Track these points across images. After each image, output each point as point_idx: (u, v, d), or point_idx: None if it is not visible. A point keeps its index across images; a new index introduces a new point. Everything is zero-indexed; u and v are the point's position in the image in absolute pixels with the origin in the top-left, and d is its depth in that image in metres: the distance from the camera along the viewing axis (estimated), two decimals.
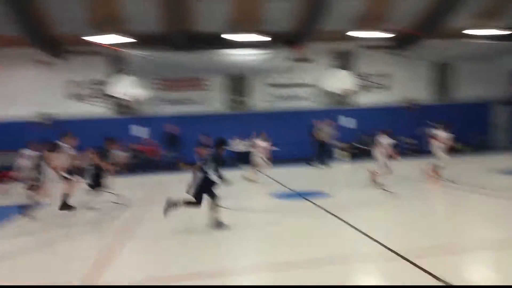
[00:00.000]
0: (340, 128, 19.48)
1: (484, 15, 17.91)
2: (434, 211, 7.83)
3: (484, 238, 5.69)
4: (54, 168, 8.73)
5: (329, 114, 18.73)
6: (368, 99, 20.24)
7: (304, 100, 20.07)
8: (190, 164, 13.19)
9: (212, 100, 19.71)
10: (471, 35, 18.41)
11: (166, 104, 19.35)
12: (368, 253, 5.11)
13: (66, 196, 8.70)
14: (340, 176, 14.92)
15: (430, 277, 4.11)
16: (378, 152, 10.60)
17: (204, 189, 6.64)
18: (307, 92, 20.07)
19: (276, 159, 18.92)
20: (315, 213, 7.75)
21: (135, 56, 17.06)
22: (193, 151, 14.10)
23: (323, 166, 16.44)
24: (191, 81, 19.57)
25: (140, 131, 18.92)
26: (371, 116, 19.58)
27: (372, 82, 20.13)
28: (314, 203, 8.57)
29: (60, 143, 8.97)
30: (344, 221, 6.82)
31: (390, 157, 10.37)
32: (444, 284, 3.92)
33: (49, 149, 8.88)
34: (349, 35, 18.33)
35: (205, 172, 6.66)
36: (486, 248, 5.20)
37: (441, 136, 11.13)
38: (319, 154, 17.01)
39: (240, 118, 19.31)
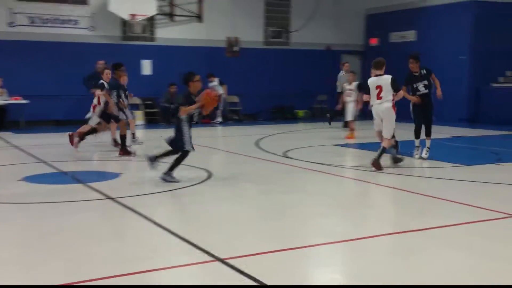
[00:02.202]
0: (135, 75, 18.84)
1: None
2: None
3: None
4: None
5: (115, 52, 17.86)
6: (171, 33, 19.78)
7: (78, 27, 18.48)
8: None
9: None
10: None
11: None
12: (178, 258, 4.96)
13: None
14: (135, 147, 14.41)
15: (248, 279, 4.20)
16: None
17: None
18: (84, 14, 18.48)
19: (30, 119, 17.23)
20: (99, 205, 7.21)
21: None
22: None
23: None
24: None
25: None
26: (173, 58, 19.21)
27: (179, 7, 19.70)
28: (94, 189, 7.96)
29: None
30: (146, 217, 6.32)
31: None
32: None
33: None
34: None
35: None
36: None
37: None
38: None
39: None
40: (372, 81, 9.67)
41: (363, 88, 10.26)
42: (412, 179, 9.38)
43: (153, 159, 8.41)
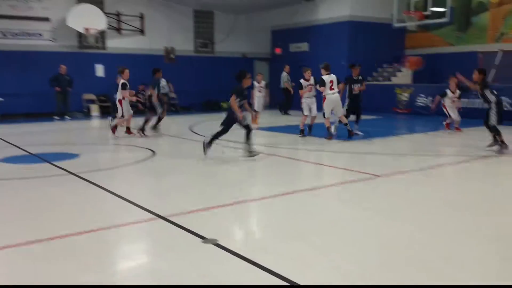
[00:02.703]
0: (90, 77, 18.22)
1: None
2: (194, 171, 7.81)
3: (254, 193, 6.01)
4: None
5: (74, 58, 17.17)
6: (119, 43, 19.18)
7: (42, 39, 17.61)
8: None
9: None
10: None
11: None
12: (127, 217, 4.82)
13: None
14: (92, 134, 13.91)
15: (187, 233, 4.30)
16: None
17: None
18: (47, 29, 17.62)
19: (4, 112, 16.41)
20: (62, 179, 6.84)
21: None
22: None
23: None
24: None
25: None
26: (121, 64, 18.67)
27: (125, 23, 19.08)
28: (59, 167, 7.60)
29: None
30: (102, 187, 6.09)
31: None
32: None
33: None
34: None
35: None
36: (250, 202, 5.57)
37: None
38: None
39: None
40: (326, 78, 10.53)
41: (318, 82, 10.73)
42: (307, 152, 9.53)
43: (209, 143, 8.32)
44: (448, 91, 11.75)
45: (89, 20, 17.29)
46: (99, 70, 18.76)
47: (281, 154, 8.95)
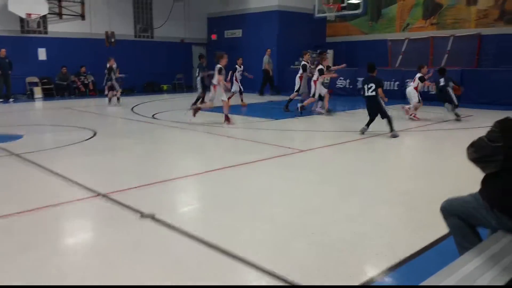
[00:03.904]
0: (33, 60, 17.09)
1: None
2: (145, 148, 7.61)
3: (186, 168, 5.95)
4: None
5: (16, 43, 15.96)
6: (61, 27, 18.04)
7: None
8: None
9: None
10: None
11: None
12: (67, 195, 4.59)
13: None
14: (36, 115, 13.12)
15: (126, 208, 4.17)
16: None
17: None
18: None
19: None
20: (4, 160, 6.43)
21: None
22: None
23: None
24: None
25: None
26: (64, 48, 17.75)
27: (66, 8, 17.92)
28: (2, 148, 7.15)
29: None
30: (43, 167, 5.79)
31: None
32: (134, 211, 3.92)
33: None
34: None
35: None
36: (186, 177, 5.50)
37: None
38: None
39: None
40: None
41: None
42: (240, 130, 9.54)
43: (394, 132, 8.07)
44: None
45: (30, 5, 16.06)
46: (42, 54, 17.59)
47: (215, 132, 8.93)
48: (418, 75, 10.38)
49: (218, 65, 9.73)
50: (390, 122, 8.08)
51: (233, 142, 8.17)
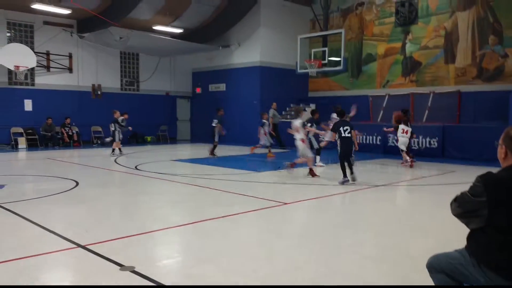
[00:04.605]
0: (19, 111, 17.21)
1: (165, 14, 18.78)
2: (127, 199, 7.57)
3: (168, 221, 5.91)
4: None
5: (3, 94, 16.07)
6: (48, 80, 18.29)
7: None
8: None
9: None
10: (156, 30, 19.26)
11: None
12: (47, 246, 4.52)
13: None
14: (19, 165, 12.97)
15: (105, 260, 4.14)
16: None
17: None
18: None
19: None
20: None
21: None
22: None
23: None
24: None
25: None
26: (50, 99, 17.95)
27: (54, 62, 18.26)
28: None
29: None
30: (24, 217, 5.71)
31: None
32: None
33: None
34: (29, 6, 16.01)
35: None
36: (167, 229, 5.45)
37: None
38: None
39: None
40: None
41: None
42: (220, 182, 9.56)
43: None
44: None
45: (19, 58, 16.36)
46: (28, 105, 17.76)
47: (195, 183, 8.93)
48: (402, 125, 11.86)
49: (299, 120, 9.76)
50: (350, 166, 8.78)
51: (211, 193, 8.08)
